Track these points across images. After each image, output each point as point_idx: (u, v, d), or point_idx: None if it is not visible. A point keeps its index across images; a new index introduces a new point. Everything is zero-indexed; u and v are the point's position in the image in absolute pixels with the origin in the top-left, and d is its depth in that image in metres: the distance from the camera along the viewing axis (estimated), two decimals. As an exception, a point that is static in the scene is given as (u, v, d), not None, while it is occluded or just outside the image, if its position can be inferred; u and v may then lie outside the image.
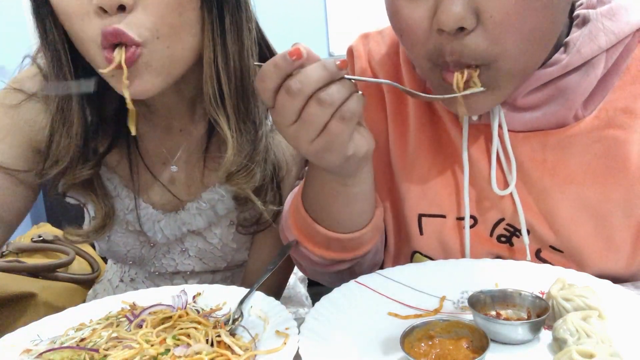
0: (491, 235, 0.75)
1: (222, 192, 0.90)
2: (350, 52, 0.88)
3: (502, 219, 0.75)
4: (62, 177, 0.80)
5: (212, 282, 0.97)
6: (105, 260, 1.28)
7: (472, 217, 0.76)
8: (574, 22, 0.71)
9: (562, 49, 0.69)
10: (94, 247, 1.40)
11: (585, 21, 0.69)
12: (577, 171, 0.70)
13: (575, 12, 0.72)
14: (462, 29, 0.60)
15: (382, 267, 0.87)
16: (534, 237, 0.74)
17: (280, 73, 0.57)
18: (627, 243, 0.71)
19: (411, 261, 0.83)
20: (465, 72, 0.63)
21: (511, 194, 0.72)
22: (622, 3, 0.69)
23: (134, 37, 0.68)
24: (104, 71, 0.70)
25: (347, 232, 0.73)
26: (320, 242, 0.75)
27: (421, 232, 0.79)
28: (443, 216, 0.78)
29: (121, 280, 1.08)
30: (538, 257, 0.74)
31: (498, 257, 0.76)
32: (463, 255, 0.77)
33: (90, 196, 0.85)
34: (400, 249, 0.83)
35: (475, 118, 0.73)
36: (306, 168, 0.85)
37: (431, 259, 0.80)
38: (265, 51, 0.88)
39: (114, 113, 0.84)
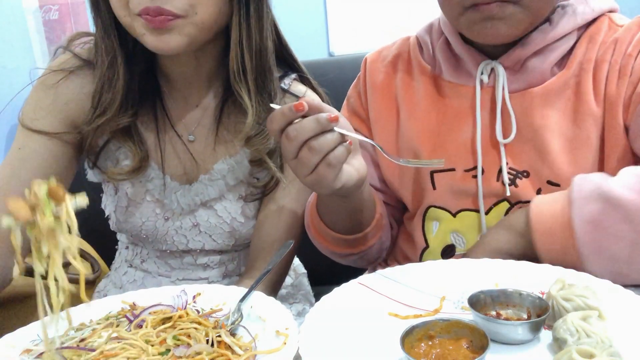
0: (497, 180, 0.89)
1: (233, 162, 0.99)
2: (365, 61, 1.04)
3: (506, 164, 0.88)
4: (106, 125, 0.93)
5: (219, 262, 1.06)
6: (107, 260, 1.28)
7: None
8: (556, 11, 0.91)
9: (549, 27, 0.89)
10: (93, 247, 1.40)
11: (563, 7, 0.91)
12: (559, 112, 0.88)
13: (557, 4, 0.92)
14: None
15: (398, 232, 1.02)
16: (534, 176, 0.87)
17: (285, 119, 0.70)
18: (608, 161, 0.86)
19: (424, 217, 0.95)
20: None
21: (512, 142, 0.87)
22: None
23: (176, 12, 0.81)
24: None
25: (352, 234, 0.88)
26: (331, 241, 0.91)
27: (434, 187, 0.92)
28: (453, 169, 0.91)
29: (130, 266, 1.10)
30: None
31: (504, 199, 0.89)
32: (475, 200, 0.89)
33: (127, 142, 0.96)
34: (415, 207, 0.97)
35: (485, 80, 0.90)
36: None
37: (444, 209, 0.92)
38: (275, 37, 0.99)
39: (144, 75, 0.97)
